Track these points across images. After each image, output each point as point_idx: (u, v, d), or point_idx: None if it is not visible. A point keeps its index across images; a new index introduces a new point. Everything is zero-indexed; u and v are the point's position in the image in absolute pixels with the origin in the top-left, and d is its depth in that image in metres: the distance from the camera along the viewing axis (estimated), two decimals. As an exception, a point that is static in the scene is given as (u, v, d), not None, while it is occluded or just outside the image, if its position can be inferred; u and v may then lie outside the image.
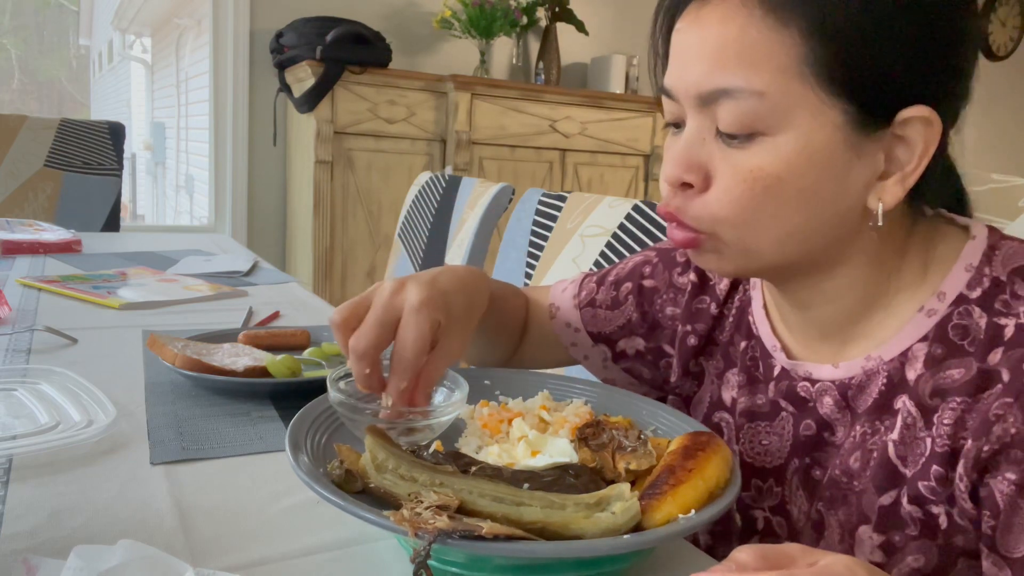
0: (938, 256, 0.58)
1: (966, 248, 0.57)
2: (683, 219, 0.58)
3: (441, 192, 1.78)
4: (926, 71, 0.52)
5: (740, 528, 0.68)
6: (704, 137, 0.56)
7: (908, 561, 0.56)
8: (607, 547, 0.45)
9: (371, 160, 2.90)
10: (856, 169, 0.54)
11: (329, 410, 0.61)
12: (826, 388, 0.62)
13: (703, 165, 0.56)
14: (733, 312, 0.73)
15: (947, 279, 0.57)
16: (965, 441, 0.52)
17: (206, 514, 0.56)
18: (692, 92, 0.55)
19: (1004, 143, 5.18)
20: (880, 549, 0.57)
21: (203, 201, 4.16)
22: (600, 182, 3.30)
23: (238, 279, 1.47)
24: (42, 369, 0.81)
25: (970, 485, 0.52)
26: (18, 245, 1.61)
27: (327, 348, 0.95)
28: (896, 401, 0.57)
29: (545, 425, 0.62)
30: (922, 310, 0.57)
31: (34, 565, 0.44)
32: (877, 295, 0.59)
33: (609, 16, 3.73)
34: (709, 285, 0.75)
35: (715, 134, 0.55)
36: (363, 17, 3.01)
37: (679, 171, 0.56)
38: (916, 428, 0.56)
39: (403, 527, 0.42)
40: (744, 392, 0.69)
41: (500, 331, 0.81)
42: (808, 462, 0.63)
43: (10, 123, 2.27)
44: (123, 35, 7.99)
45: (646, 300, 0.79)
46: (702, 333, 0.74)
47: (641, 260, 0.82)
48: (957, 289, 0.56)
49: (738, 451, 0.68)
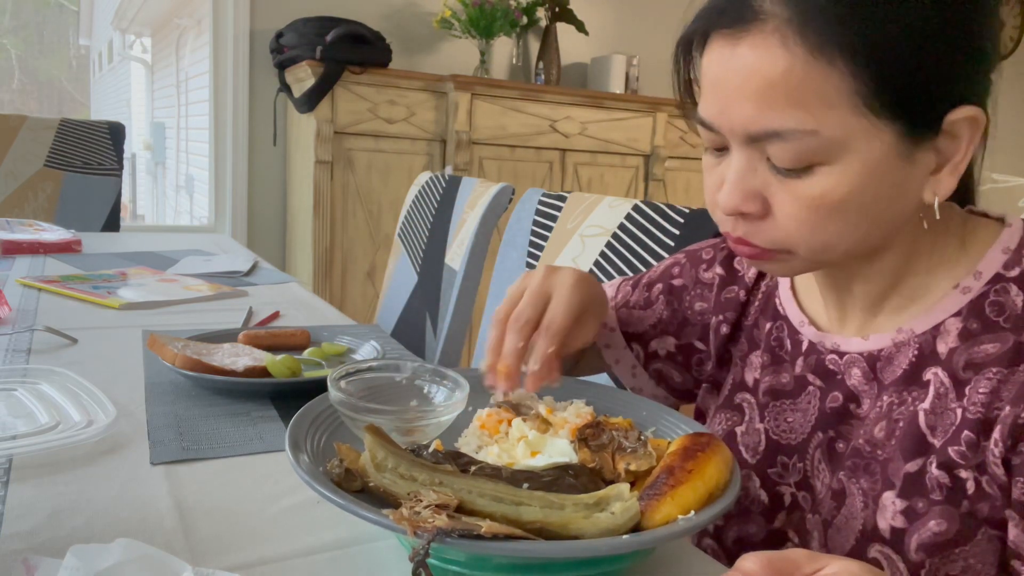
0: (976, 240, 0.61)
1: (1004, 233, 0.60)
2: (753, 242, 0.59)
3: (441, 192, 1.78)
4: (965, 74, 0.54)
5: (766, 505, 0.68)
6: (756, 167, 0.56)
7: (930, 526, 0.57)
8: (606, 547, 0.45)
9: (371, 160, 2.90)
10: (912, 174, 0.55)
11: (329, 410, 0.61)
12: (854, 360, 0.64)
13: (759, 193, 0.57)
14: (759, 297, 0.75)
15: (983, 260, 0.59)
16: (1001, 409, 0.54)
17: (206, 514, 0.56)
18: (739, 131, 0.55)
19: (1004, 143, 5.18)
20: (902, 514, 0.58)
21: (203, 201, 4.16)
22: (600, 182, 3.30)
23: (238, 279, 1.47)
24: (42, 369, 0.81)
25: (1004, 452, 0.53)
26: (18, 245, 1.61)
27: (327, 348, 0.95)
28: (926, 373, 0.59)
29: (547, 426, 0.62)
30: (957, 287, 0.59)
31: (33, 565, 0.44)
32: (910, 275, 0.62)
33: (609, 16, 3.73)
34: (738, 276, 0.78)
35: (766, 163, 0.56)
36: (363, 17, 3.00)
37: (736, 202, 0.57)
38: (948, 399, 0.58)
39: (402, 526, 0.43)
40: (768, 372, 0.70)
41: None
42: (832, 435, 0.65)
43: (10, 123, 2.27)
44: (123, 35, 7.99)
45: (676, 298, 0.82)
46: (732, 321, 0.76)
47: (671, 263, 0.84)
48: (994, 269, 0.59)
49: (763, 429, 0.70)
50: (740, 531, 0.69)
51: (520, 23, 3.24)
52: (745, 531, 0.69)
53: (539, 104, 3.11)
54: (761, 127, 0.53)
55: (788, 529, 0.67)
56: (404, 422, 0.61)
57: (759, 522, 0.69)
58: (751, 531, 0.69)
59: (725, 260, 0.79)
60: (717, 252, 0.80)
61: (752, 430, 0.70)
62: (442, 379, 0.68)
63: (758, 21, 0.53)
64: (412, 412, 0.63)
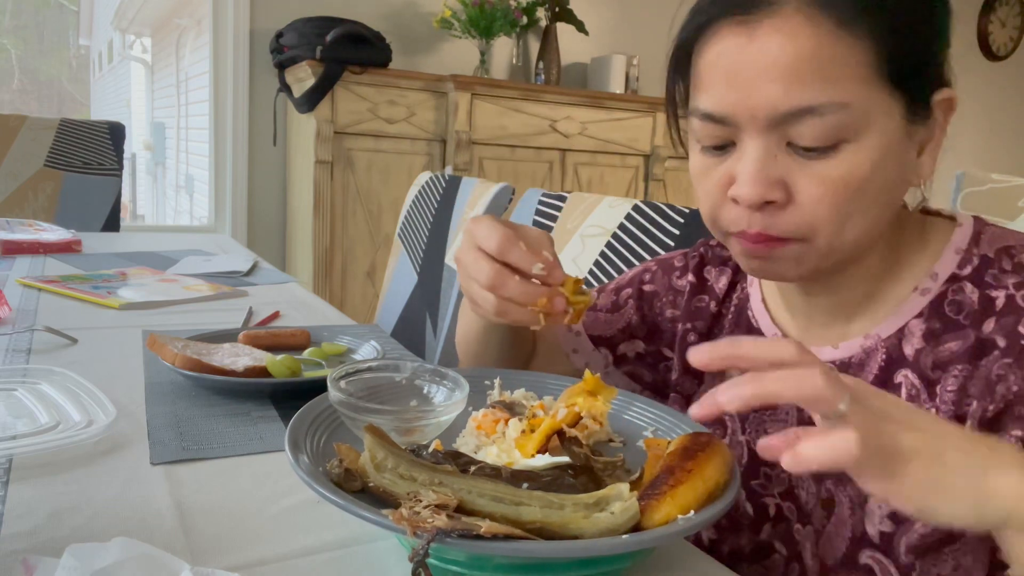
0: (932, 241, 0.62)
1: (956, 234, 0.62)
2: (773, 234, 0.57)
3: (441, 192, 1.78)
4: (944, 55, 0.57)
5: (752, 517, 0.69)
6: (775, 155, 0.56)
7: (917, 528, 0.58)
8: (606, 547, 0.45)
9: (371, 160, 2.90)
10: (910, 156, 0.57)
11: (329, 410, 0.61)
12: None
13: (781, 180, 0.56)
14: (732, 310, 0.75)
15: (939, 262, 0.61)
16: (970, 405, 0.56)
17: (206, 514, 0.56)
18: (764, 114, 0.54)
19: (1004, 143, 5.18)
20: (888, 519, 0.59)
21: (203, 201, 4.16)
22: (600, 182, 3.30)
23: (238, 279, 1.47)
24: (42, 369, 0.81)
25: None
26: (18, 245, 1.61)
27: (327, 348, 0.95)
28: (896, 376, 0.60)
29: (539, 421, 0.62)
30: (916, 290, 0.61)
31: (33, 565, 0.44)
32: (880, 282, 0.63)
33: (609, 16, 3.73)
34: (707, 285, 0.77)
35: (785, 149, 0.55)
36: (363, 17, 3.01)
37: (761, 190, 0.55)
38: (920, 400, 0.59)
39: (402, 526, 0.43)
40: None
41: (516, 340, 0.82)
42: None
43: (10, 123, 2.27)
44: (123, 35, 7.99)
45: (646, 304, 0.81)
46: (702, 331, 0.76)
47: (641, 269, 0.84)
48: (949, 270, 0.60)
49: (744, 441, 0.70)
50: (732, 544, 0.70)
51: (520, 23, 3.24)
52: (736, 543, 0.69)
53: (539, 104, 3.11)
54: (792, 105, 0.53)
55: (774, 540, 0.67)
56: (404, 422, 0.61)
57: (747, 535, 0.69)
58: (742, 543, 0.69)
59: (696, 268, 0.78)
60: (689, 260, 0.80)
61: (735, 443, 0.70)
62: (442, 379, 0.68)
63: (776, 4, 0.53)
64: (412, 412, 0.63)
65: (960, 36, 4.80)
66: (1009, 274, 0.58)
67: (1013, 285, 0.57)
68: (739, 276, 0.76)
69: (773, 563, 0.67)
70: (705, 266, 0.78)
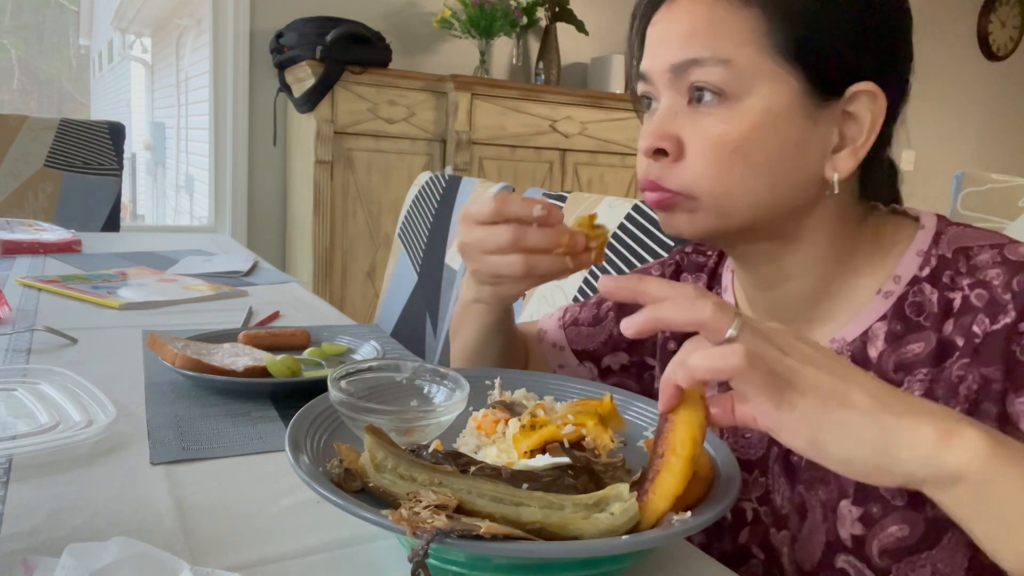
0: (894, 244, 0.63)
1: (918, 235, 0.63)
2: (664, 185, 0.61)
3: (441, 192, 1.78)
4: (868, 51, 0.58)
5: (730, 522, 0.69)
6: (676, 111, 0.61)
7: (892, 531, 0.58)
8: (605, 547, 0.45)
9: (371, 160, 2.90)
10: (813, 139, 0.59)
11: (329, 410, 0.61)
12: None
13: (675, 135, 0.60)
14: None
15: (901, 264, 0.62)
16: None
17: (206, 514, 0.56)
18: (665, 68, 0.60)
19: (1004, 143, 5.18)
20: (860, 522, 0.59)
21: (203, 201, 4.16)
22: (600, 182, 3.30)
23: (238, 279, 1.47)
24: (42, 369, 0.81)
25: None
26: (18, 245, 1.61)
27: (327, 348, 0.95)
28: None
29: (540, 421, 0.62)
30: (880, 292, 0.62)
31: (33, 564, 0.44)
32: (835, 276, 0.64)
33: (609, 16, 3.73)
34: None
35: (686, 106, 0.60)
36: (363, 17, 3.00)
37: (653, 140, 0.60)
38: None
39: (401, 526, 0.43)
40: (722, 388, 0.70)
41: (510, 353, 0.82)
42: (787, 448, 0.63)
43: (10, 123, 2.27)
44: (123, 35, 7.99)
45: (626, 315, 0.80)
46: (680, 338, 0.76)
47: None
48: (911, 272, 0.61)
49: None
50: (719, 548, 0.70)
51: (520, 23, 3.24)
52: (722, 548, 0.70)
53: (539, 104, 3.11)
54: (683, 56, 0.59)
55: (752, 545, 0.68)
56: (404, 422, 0.61)
57: (728, 539, 0.69)
58: (726, 548, 0.70)
59: (673, 276, 0.80)
60: (665, 268, 0.81)
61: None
62: (442, 379, 0.68)
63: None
64: (412, 412, 0.63)
65: (960, 36, 4.82)
66: (964, 275, 0.59)
67: (968, 286, 0.58)
68: (714, 282, 0.77)
69: (752, 568, 0.68)
70: (681, 273, 0.80)
